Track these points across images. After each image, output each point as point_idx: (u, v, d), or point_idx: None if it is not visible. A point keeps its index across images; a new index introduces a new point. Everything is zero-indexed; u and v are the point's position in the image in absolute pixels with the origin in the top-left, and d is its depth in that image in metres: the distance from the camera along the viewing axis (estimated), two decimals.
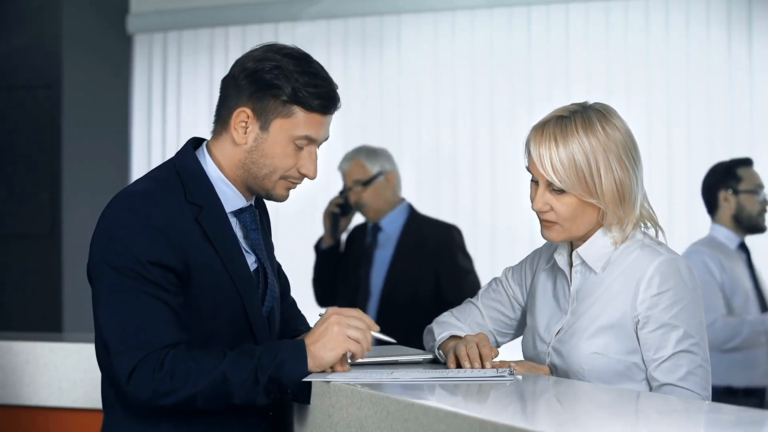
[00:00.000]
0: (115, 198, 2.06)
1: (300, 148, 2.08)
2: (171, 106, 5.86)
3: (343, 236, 4.30)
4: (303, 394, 1.99)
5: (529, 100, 5.28)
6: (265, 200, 2.26)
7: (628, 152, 2.12)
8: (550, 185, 2.13)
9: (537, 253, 2.35)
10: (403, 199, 4.19)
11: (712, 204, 4.13)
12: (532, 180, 2.18)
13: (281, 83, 2.05)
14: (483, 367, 2.07)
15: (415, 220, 4.14)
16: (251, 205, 2.15)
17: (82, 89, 5.65)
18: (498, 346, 2.36)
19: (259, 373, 1.95)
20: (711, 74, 5.10)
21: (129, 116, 5.91)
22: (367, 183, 4.11)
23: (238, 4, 5.75)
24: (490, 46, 5.38)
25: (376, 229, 4.17)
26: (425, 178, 5.40)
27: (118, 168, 5.75)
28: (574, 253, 2.20)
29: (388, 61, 5.53)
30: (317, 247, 4.28)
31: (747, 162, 4.16)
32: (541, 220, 2.18)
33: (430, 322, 2.36)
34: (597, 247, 2.16)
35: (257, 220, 2.17)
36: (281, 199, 2.13)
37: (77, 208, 5.53)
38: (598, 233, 2.16)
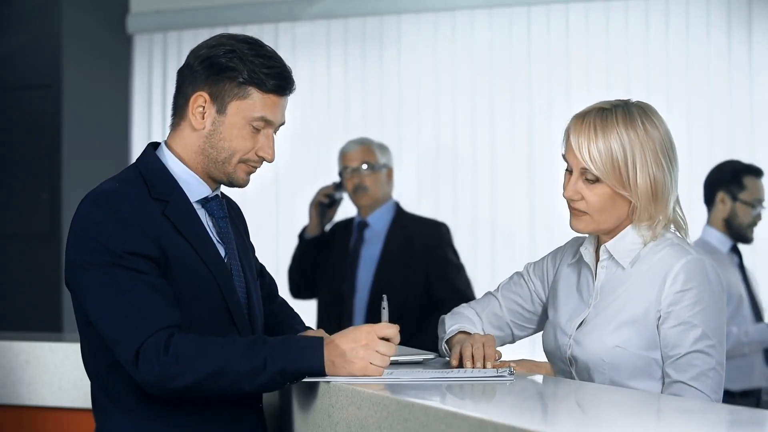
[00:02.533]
0: (83, 200, 2.07)
1: (257, 131, 2.10)
2: (171, 106, 5.85)
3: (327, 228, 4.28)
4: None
5: (528, 100, 5.28)
6: (236, 200, 2.28)
7: (666, 151, 2.14)
8: (583, 174, 2.14)
9: (560, 249, 2.35)
10: (391, 198, 4.19)
11: (709, 200, 4.12)
12: (566, 170, 2.17)
13: (237, 65, 2.08)
14: (484, 367, 2.08)
15: (402, 218, 4.14)
16: (217, 195, 2.17)
17: (82, 89, 5.65)
18: (514, 340, 2.38)
19: (269, 364, 1.93)
20: (711, 74, 5.10)
21: (129, 116, 5.91)
22: (375, 168, 4.12)
23: (238, 4, 5.75)
24: (490, 46, 5.38)
25: (363, 225, 4.15)
26: (425, 177, 5.40)
27: (118, 168, 5.70)
28: (602, 247, 2.20)
29: (388, 61, 5.53)
30: (301, 236, 4.25)
31: (756, 172, 4.10)
32: (570, 209, 2.18)
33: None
34: (626, 243, 2.16)
35: (225, 209, 2.18)
36: (243, 183, 2.15)
37: None
38: (628, 229, 2.16)
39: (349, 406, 1.85)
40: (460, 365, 2.11)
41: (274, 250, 5.51)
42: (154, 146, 2.18)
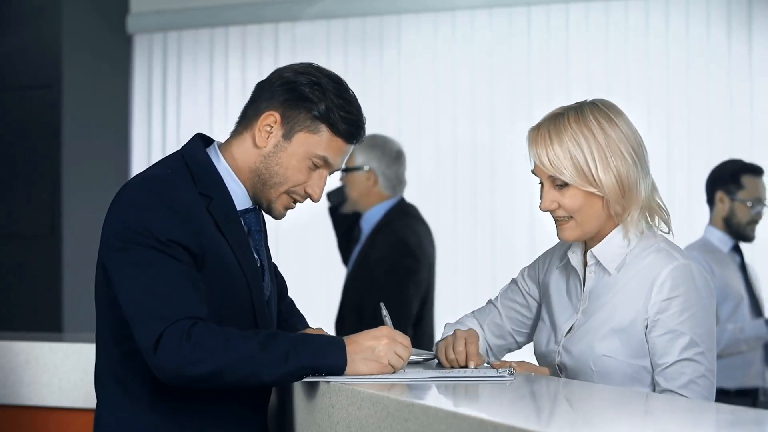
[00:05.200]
0: (129, 182, 2.08)
1: (314, 168, 2.10)
2: (171, 106, 5.86)
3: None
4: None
5: (529, 100, 5.28)
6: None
7: (626, 141, 2.13)
8: (553, 182, 2.15)
9: (551, 251, 2.35)
10: (388, 197, 4.09)
11: (710, 199, 4.14)
12: (539, 183, 2.18)
13: (316, 98, 2.08)
14: (466, 367, 2.09)
15: (381, 225, 4.04)
16: (256, 207, 2.17)
17: (82, 89, 5.65)
18: (519, 347, 2.38)
19: (292, 358, 1.93)
20: (711, 74, 5.10)
21: (129, 116, 5.91)
22: (345, 170, 4.09)
23: (238, 4, 5.75)
24: (490, 46, 5.38)
25: (360, 226, 4.13)
26: (425, 177, 5.40)
27: (118, 168, 5.75)
28: (588, 252, 2.20)
29: (388, 61, 5.53)
30: (336, 207, 4.21)
31: (756, 171, 4.10)
32: (555, 220, 2.19)
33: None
34: (612, 248, 2.16)
35: (261, 222, 2.19)
36: (278, 215, 2.16)
37: (77, 208, 5.53)
38: (614, 233, 2.16)
39: (349, 406, 1.85)
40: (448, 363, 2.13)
41: (274, 249, 5.51)
42: (202, 139, 2.16)
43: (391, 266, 3.93)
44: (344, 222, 4.21)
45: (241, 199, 2.13)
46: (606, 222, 2.16)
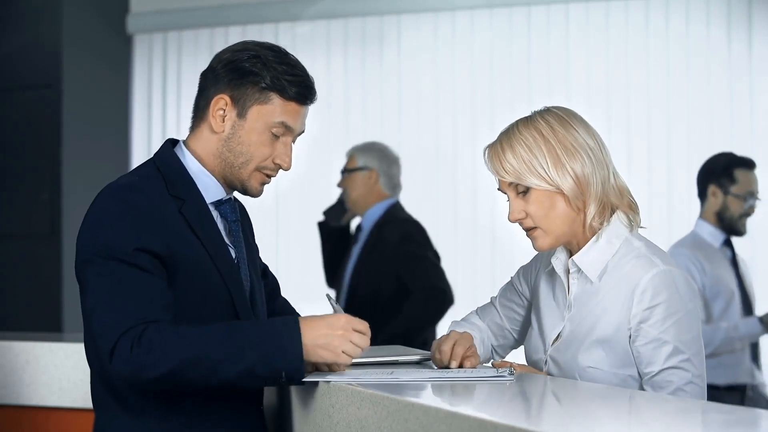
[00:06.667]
0: (100, 192, 2.09)
1: (276, 138, 2.12)
2: (171, 106, 5.86)
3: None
4: (296, 376, 1.95)
5: (529, 100, 5.28)
6: (243, 196, 2.28)
7: (579, 136, 2.13)
8: (516, 190, 2.15)
9: (541, 254, 2.35)
10: (388, 197, 4.22)
11: (701, 193, 4.10)
12: (507, 200, 2.19)
13: (260, 70, 2.10)
14: (449, 367, 2.09)
15: (385, 217, 4.16)
16: (231, 198, 2.18)
17: (82, 89, 5.65)
18: (519, 344, 2.38)
19: (248, 351, 1.92)
20: (711, 74, 5.11)
21: (129, 116, 5.91)
22: (347, 172, 4.21)
23: (238, 4, 5.75)
24: (490, 46, 5.38)
25: (359, 226, 4.25)
26: (424, 178, 5.40)
27: (118, 168, 5.75)
28: (570, 261, 2.19)
29: (388, 61, 5.53)
30: (324, 223, 4.32)
31: (748, 164, 4.07)
32: (526, 232, 2.19)
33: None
34: (593, 255, 2.15)
35: (237, 213, 2.19)
36: (256, 192, 2.16)
37: (77, 208, 5.52)
38: (592, 240, 2.16)
39: (349, 406, 1.85)
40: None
41: (274, 251, 5.52)
42: (172, 143, 2.19)
43: (416, 244, 4.07)
44: (334, 235, 4.29)
45: (215, 192, 2.14)
46: (577, 225, 2.16)
